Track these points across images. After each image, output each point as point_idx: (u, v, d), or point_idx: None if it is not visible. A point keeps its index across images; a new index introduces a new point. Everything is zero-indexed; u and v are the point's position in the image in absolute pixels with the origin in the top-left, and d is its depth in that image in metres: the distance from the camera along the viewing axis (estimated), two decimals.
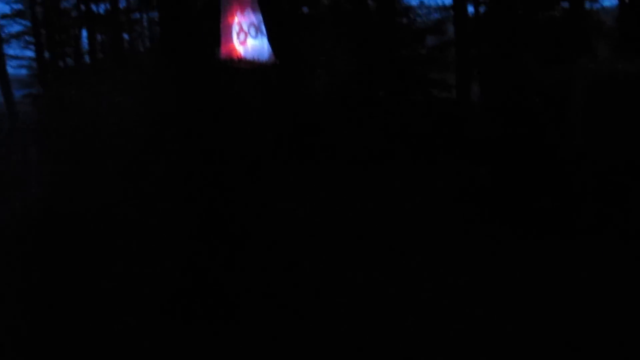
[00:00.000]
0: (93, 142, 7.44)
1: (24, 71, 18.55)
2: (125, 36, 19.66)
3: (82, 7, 18.14)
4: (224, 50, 5.39)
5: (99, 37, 18.89)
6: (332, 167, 9.58)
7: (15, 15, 18.50)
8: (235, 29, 5.34)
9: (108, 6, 18.69)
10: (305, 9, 14.17)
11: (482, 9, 14.87)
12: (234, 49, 5.35)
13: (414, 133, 11.83)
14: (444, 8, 15.61)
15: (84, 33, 18.71)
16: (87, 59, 18.57)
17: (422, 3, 15.54)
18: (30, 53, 18.53)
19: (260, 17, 5.46)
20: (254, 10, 5.44)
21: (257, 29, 5.43)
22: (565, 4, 13.44)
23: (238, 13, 5.32)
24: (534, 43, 12.20)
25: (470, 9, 14.69)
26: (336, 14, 14.13)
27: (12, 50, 18.37)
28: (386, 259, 6.18)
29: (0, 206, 6.91)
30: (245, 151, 5.95)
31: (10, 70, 18.00)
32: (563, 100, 11.09)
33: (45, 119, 11.81)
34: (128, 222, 5.74)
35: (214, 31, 5.47)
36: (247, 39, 5.39)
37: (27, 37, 18.66)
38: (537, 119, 10.39)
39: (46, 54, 18.49)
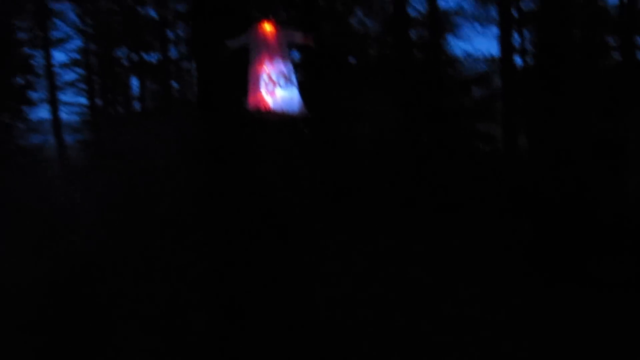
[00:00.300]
0: (141, 188, 7.48)
1: (75, 117, 19.11)
2: (175, 84, 20.25)
3: (134, 56, 18.64)
4: (251, 101, 5.13)
5: (148, 84, 19.35)
6: (374, 216, 9.42)
7: (72, 64, 19.19)
8: (263, 78, 5.10)
9: (159, 55, 19.24)
10: (351, 59, 14.25)
11: (529, 60, 14.73)
12: (262, 99, 5.09)
13: (458, 184, 11.61)
14: (491, 59, 15.51)
15: (135, 81, 19.19)
16: (136, 105, 19.03)
17: (468, 54, 15.48)
18: (82, 100, 19.13)
19: (291, 67, 5.21)
20: (284, 59, 5.18)
21: (287, 79, 5.16)
22: (617, 55, 13.21)
23: (267, 62, 5.09)
24: (584, 94, 11.96)
25: (518, 60, 14.57)
26: (382, 63, 14.16)
27: (65, 97, 18.99)
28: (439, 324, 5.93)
29: (43, 253, 6.93)
30: (277, 208, 5.75)
31: (62, 115, 18.58)
32: (615, 153, 10.77)
33: (95, 164, 12.03)
34: (165, 272, 5.69)
35: (243, 80, 5.27)
36: (275, 89, 5.12)
37: (80, 85, 19.26)
38: (588, 172, 10.10)
39: (98, 101, 19.03)
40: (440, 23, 14.00)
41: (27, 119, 16.40)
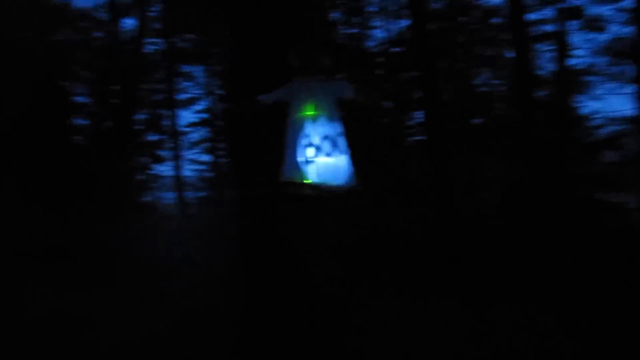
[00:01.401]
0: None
1: (197, 174, 19.91)
2: None
3: None
4: (287, 171, 4.05)
5: None
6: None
7: (200, 124, 20.12)
8: (303, 142, 3.99)
9: None
10: (476, 120, 13.84)
11: None
12: (299, 169, 4.00)
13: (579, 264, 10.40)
14: (625, 119, 14.48)
15: None
16: None
17: (599, 114, 14.53)
18: (206, 157, 19.95)
19: (341, 129, 4.10)
20: (331, 118, 4.05)
21: (334, 144, 4.05)
22: None
23: (307, 122, 3.99)
24: None
25: None
26: (504, 124, 13.60)
27: (189, 154, 19.91)
28: None
29: (154, 312, 6.89)
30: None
31: (185, 172, 19.46)
32: None
33: (222, 222, 12.20)
34: None
35: (279, 145, 4.18)
36: (318, 157, 4.02)
37: (205, 144, 20.11)
38: None
39: (220, 159, 19.73)
40: (570, 82, 13.29)
41: (153, 175, 17.23)
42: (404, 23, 15.35)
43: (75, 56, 15.48)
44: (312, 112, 3.95)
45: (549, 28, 15.19)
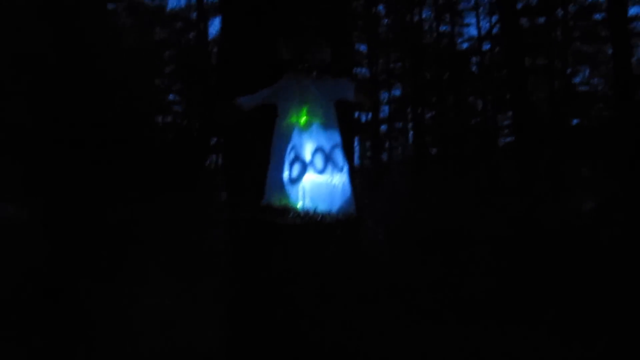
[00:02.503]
0: None
1: None
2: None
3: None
4: (267, 192, 3.11)
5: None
6: None
7: None
8: (288, 155, 3.07)
9: (369, 116, 19.54)
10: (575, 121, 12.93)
11: None
12: (281, 189, 3.08)
13: None
14: None
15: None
16: None
17: None
18: None
19: (339, 139, 3.12)
20: (327, 125, 3.11)
21: (328, 159, 3.10)
22: None
23: (296, 130, 3.06)
24: None
25: None
26: (604, 126, 12.62)
27: None
28: None
29: None
30: None
31: None
32: None
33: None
34: None
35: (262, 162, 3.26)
36: (307, 174, 3.05)
37: None
38: None
39: None
40: None
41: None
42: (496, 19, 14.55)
43: (167, 56, 15.96)
44: (303, 118, 3.06)
45: None
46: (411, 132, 19.72)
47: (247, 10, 3.17)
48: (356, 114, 21.25)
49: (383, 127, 20.47)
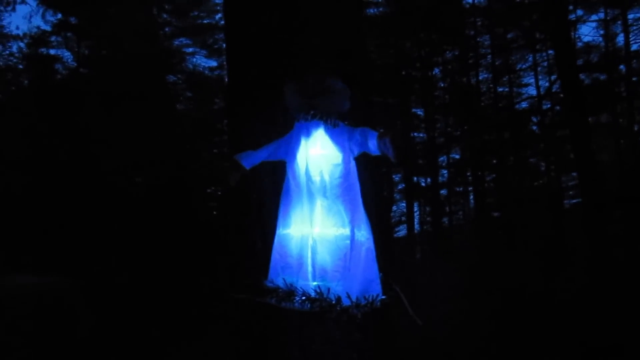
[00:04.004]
0: None
1: None
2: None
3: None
4: (271, 270, 2.52)
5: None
6: None
7: None
8: (297, 222, 2.50)
9: (429, 180, 19.22)
10: None
11: None
12: (286, 265, 2.46)
13: None
14: None
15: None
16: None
17: None
18: None
19: (359, 202, 2.48)
20: (344, 186, 2.45)
21: (346, 226, 2.41)
22: None
23: (306, 189, 2.48)
24: None
25: None
26: None
27: None
28: None
29: None
30: None
31: None
32: None
33: None
34: None
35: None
36: (317, 245, 2.45)
37: None
38: None
39: None
40: None
41: None
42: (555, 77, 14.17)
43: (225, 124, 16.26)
44: (313, 175, 2.44)
45: None
46: (471, 196, 19.26)
47: (254, 48, 2.70)
48: (415, 179, 21.06)
49: (443, 191, 20.05)
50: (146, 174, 12.11)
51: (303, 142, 2.47)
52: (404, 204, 19.37)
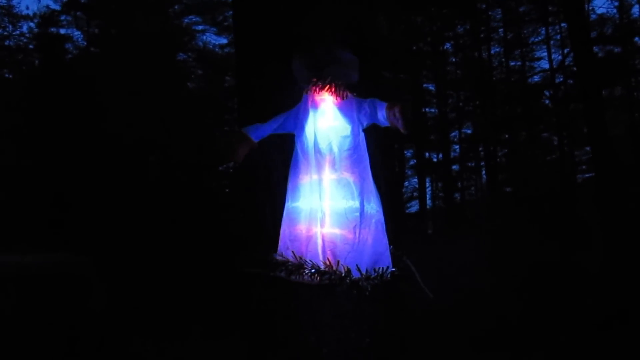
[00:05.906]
0: None
1: None
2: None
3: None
4: (281, 243, 2.45)
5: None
6: None
7: None
8: (305, 195, 2.44)
9: (441, 156, 19.17)
10: None
11: None
12: (295, 238, 2.39)
13: None
14: None
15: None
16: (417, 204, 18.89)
17: None
18: None
19: (369, 174, 2.40)
20: (354, 158, 2.39)
21: (356, 198, 2.37)
22: None
23: (315, 162, 2.41)
24: None
25: None
26: None
27: None
28: None
29: None
30: None
31: None
32: None
33: None
34: None
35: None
36: (326, 217, 2.39)
37: None
38: None
39: None
40: None
41: None
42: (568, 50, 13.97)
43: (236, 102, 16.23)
44: (323, 148, 2.39)
45: None
46: (484, 171, 19.17)
47: (262, 21, 2.66)
48: (427, 155, 20.97)
49: (455, 167, 19.99)
50: (159, 152, 12.15)
51: (311, 114, 2.43)
52: (416, 180, 19.34)
